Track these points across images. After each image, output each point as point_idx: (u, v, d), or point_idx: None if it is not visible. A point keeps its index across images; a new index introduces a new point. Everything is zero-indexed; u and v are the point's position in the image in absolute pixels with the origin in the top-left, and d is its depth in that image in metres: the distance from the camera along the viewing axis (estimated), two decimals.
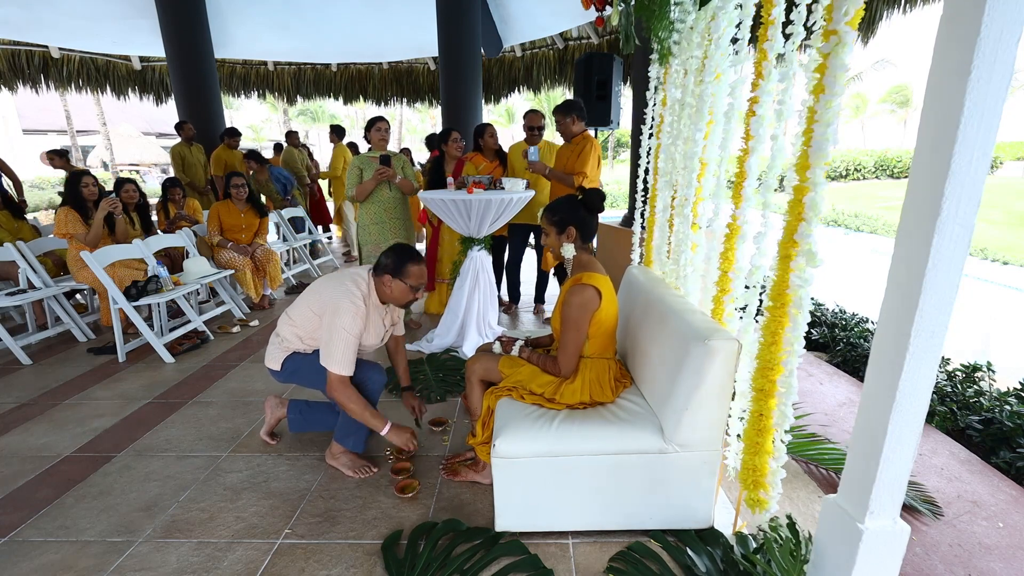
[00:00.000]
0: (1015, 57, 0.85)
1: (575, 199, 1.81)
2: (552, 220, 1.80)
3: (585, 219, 1.78)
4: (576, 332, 1.69)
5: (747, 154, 1.49)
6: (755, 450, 1.46)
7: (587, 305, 1.67)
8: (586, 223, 1.79)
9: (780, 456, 1.41)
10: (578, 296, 1.66)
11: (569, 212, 1.78)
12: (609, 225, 4.28)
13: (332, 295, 1.89)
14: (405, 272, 1.90)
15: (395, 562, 1.56)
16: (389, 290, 1.92)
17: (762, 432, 1.43)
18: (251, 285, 4.15)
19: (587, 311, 1.67)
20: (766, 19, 1.36)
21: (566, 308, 1.69)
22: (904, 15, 4.69)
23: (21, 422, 2.52)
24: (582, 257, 1.80)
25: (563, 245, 1.79)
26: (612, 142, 28.16)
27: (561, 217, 1.78)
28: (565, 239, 1.78)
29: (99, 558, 1.63)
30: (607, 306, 1.70)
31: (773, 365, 1.36)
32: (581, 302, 1.66)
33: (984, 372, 2.66)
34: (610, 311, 1.72)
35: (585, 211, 1.79)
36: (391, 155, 3.39)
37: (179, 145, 5.92)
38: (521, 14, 7.23)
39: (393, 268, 1.90)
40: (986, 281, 6.86)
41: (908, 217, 0.96)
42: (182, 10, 6.01)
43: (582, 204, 1.79)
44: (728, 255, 1.64)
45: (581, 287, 1.67)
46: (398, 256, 1.91)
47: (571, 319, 1.68)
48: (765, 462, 1.44)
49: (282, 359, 2.02)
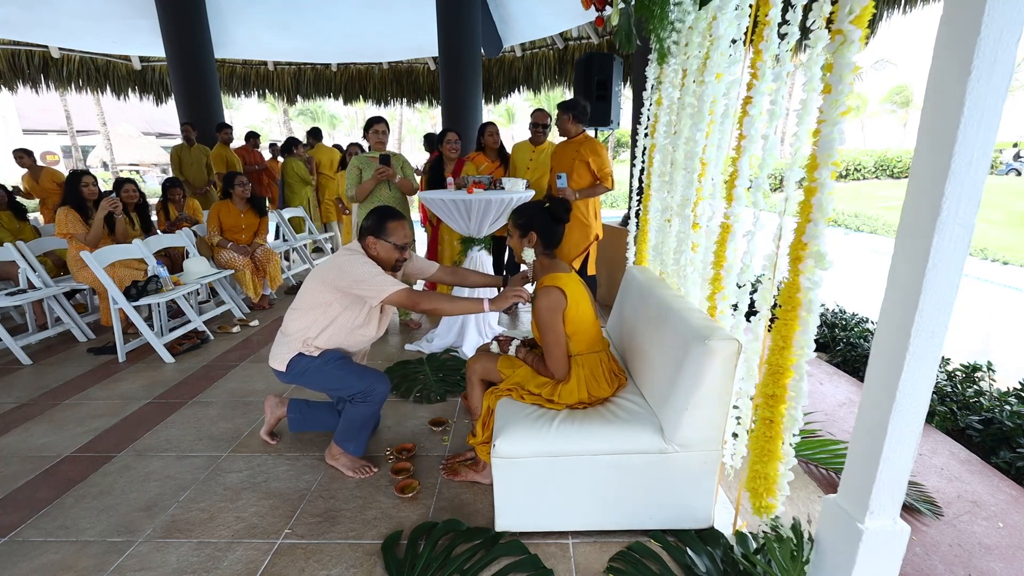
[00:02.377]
0: (1015, 57, 0.85)
1: (542, 206, 1.85)
2: (516, 223, 1.84)
3: (549, 226, 1.81)
4: (554, 334, 1.71)
5: (740, 154, 1.50)
6: (765, 458, 1.41)
7: (554, 306, 1.69)
8: (550, 230, 1.82)
9: (789, 460, 1.38)
10: (544, 299, 1.69)
11: (534, 218, 1.82)
12: (609, 225, 4.29)
13: (335, 265, 1.90)
14: (385, 230, 1.91)
15: (395, 562, 1.56)
16: (375, 253, 1.93)
17: (772, 439, 1.39)
18: (251, 285, 4.15)
19: (556, 311, 1.69)
20: (762, 20, 1.36)
21: (537, 314, 1.71)
22: (904, 15, 4.70)
23: (21, 422, 2.52)
24: (543, 262, 1.84)
25: (524, 248, 1.83)
26: (612, 142, 28.15)
27: (525, 221, 1.82)
28: (526, 243, 1.82)
29: (99, 558, 1.63)
30: (576, 301, 1.71)
31: (783, 370, 1.33)
32: (548, 305, 1.69)
33: (984, 372, 2.66)
34: (582, 306, 1.74)
35: (550, 219, 1.82)
36: (391, 155, 3.39)
37: (179, 146, 5.94)
38: (521, 14, 7.23)
39: (374, 228, 1.91)
40: (986, 281, 6.86)
41: (908, 217, 0.96)
42: (182, 10, 6.01)
43: (548, 212, 1.82)
44: (720, 253, 1.65)
45: (545, 290, 1.70)
46: (378, 216, 1.92)
47: (545, 323, 1.70)
48: (775, 469, 1.40)
49: (288, 360, 1.99)
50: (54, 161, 23.49)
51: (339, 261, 1.90)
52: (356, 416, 1.98)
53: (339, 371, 1.96)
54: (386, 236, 1.91)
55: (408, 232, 1.97)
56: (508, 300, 1.84)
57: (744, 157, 1.48)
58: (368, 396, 1.96)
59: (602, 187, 3.31)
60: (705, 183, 1.86)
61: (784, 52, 1.32)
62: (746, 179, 1.50)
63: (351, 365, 2.00)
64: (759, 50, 1.38)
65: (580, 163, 3.29)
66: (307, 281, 2.00)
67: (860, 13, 1.07)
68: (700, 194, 1.89)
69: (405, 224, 1.95)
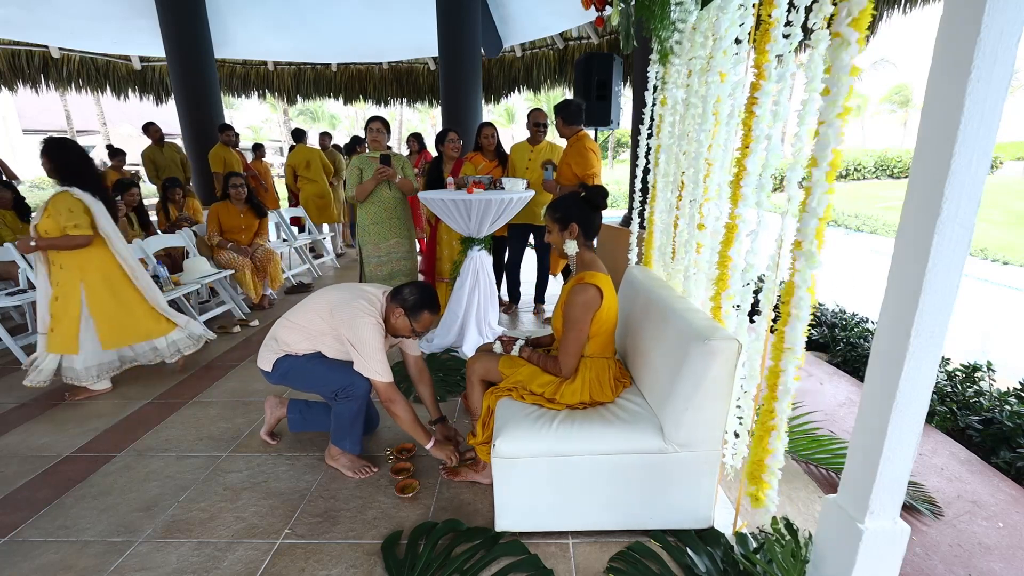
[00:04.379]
0: (1015, 57, 0.85)
1: (578, 196, 1.81)
2: (555, 217, 1.80)
3: (587, 216, 1.78)
4: (578, 332, 1.69)
5: (745, 154, 1.49)
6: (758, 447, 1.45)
7: (590, 304, 1.67)
8: (588, 220, 1.79)
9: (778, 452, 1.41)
10: (581, 295, 1.66)
11: (571, 209, 1.78)
12: (609, 225, 4.28)
13: (348, 312, 1.89)
14: (419, 317, 1.93)
15: (395, 562, 1.56)
16: (395, 320, 1.95)
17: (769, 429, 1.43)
18: (250, 285, 4.15)
19: (590, 310, 1.67)
20: (766, 20, 1.36)
21: (569, 307, 1.69)
22: (904, 15, 4.69)
23: (21, 422, 2.52)
24: (585, 256, 1.80)
25: (565, 242, 1.79)
26: (612, 142, 28.16)
27: (563, 214, 1.78)
28: (568, 236, 1.78)
29: (99, 558, 1.63)
30: (608, 305, 1.70)
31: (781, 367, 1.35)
32: (584, 301, 1.66)
33: (984, 372, 2.66)
34: (611, 311, 1.73)
35: (588, 208, 1.79)
36: (391, 155, 3.39)
37: (149, 148, 5.77)
38: (521, 14, 7.23)
39: (410, 307, 1.92)
40: (986, 281, 6.86)
41: (908, 217, 0.96)
42: (182, 10, 6.01)
43: (585, 201, 1.79)
44: (725, 253, 1.65)
45: (584, 286, 1.67)
46: (420, 299, 1.92)
47: (574, 319, 1.68)
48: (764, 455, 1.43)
49: (274, 360, 2.03)
50: None
51: (354, 311, 1.89)
52: (343, 413, 1.99)
53: (320, 368, 1.99)
54: (414, 319, 1.93)
55: (432, 325, 1.99)
56: (442, 454, 1.98)
57: (750, 157, 1.48)
58: (349, 391, 1.96)
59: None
60: (711, 183, 1.86)
61: (788, 52, 1.32)
62: (753, 179, 1.50)
63: (333, 363, 2.02)
64: (764, 50, 1.38)
65: (565, 164, 3.40)
66: (316, 299, 2.02)
67: (858, 16, 1.07)
68: (706, 194, 1.89)
69: (436, 319, 1.99)
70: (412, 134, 5.66)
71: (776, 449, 1.40)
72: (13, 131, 21.52)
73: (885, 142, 30.48)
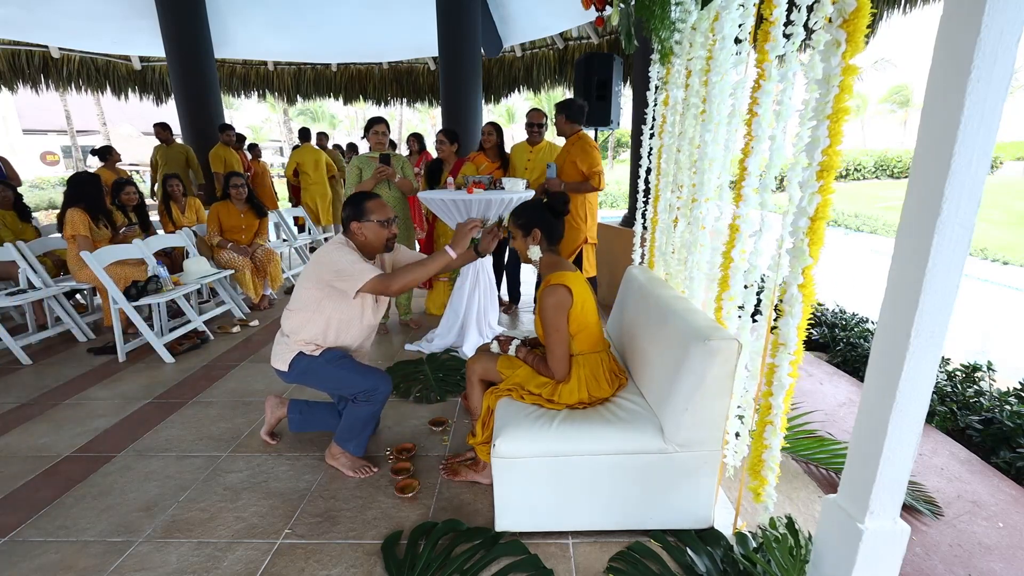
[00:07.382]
0: (1015, 57, 0.85)
1: (540, 203, 1.86)
2: (517, 223, 1.85)
3: (549, 222, 1.83)
4: (558, 333, 1.70)
5: (747, 154, 1.50)
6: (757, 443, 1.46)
7: (561, 304, 1.68)
8: (551, 226, 1.83)
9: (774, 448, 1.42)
10: (551, 297, 1.69)
11: (534, 215, 1.83)
12: (609, 225, 4.29)
13: (317, 259, 1.92)
14: (364, 210, 1.92)
15: (395, 562, 1.56)
16: (363, 237, 1.94)
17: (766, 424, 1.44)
18: (250, 286, 4.15)
19: (562, 310, 1.69)
20: (767, 19, 1.36)
21: (543, 312, 1.71)
22: (904, 15, 4.69)
23: (21, 422, 2.52)
24: (549, 258, 1.84)
25: (529, 247, 1.84)
26: (612, 142, 28.15)
27: (526, 220, 1.83)
28: (530, 241, 1.83)
29: (99, 558, 1.63)
30: (581, 301, 1.71)
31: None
32: (555, 303, 1.68)
33: (984, 372, 2.66)
34: (587, 306, 1.74)
35: (550, 214, 1.83)
36: (391, 155, 3.39)
37: (158, 147, 5.86)
38: (521, 14, 7.23)
39: (355, 214, 1.93)
40: (986, 281, 6.86)
41: (908, 217, 0.96)
42: (182, 10, 6.00)
43: (547, 207, 1.84)
44: (728, 254, 1.64)
45: (552, 288, 1.70)
46: (354, 202, 1.94)
47: (549, 322, 1.70)
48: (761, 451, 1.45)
49: (290, 359, 1.98)
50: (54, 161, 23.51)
51: (320, 254, 1.92)
52: (358, 415, 1.98)
53: (341, 370, 1.97)
54: (368, 216, 1.92)
55: (388, 207, 1.97)
56: (467, 235, 1.94)
57: (752, 158, 1.48)
58: (371, 395, 1.96)
59: (588, 185, 3.33)
60: (712, 183, 1.86)
61: (790, 52, 1.32)
62: (755, 180, 1.50)
63: (353, 364, 2.00)
64: (764, 50, 1.38)
65: (570, 162, 3.38)
66: (299, 279, 2.02)
67: (850, 18, 1.08)
68: (707, 194, 1.89)
69: (382, 200, 1.97)
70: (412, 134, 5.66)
71: (771, 445, 1.40)
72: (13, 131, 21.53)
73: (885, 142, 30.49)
